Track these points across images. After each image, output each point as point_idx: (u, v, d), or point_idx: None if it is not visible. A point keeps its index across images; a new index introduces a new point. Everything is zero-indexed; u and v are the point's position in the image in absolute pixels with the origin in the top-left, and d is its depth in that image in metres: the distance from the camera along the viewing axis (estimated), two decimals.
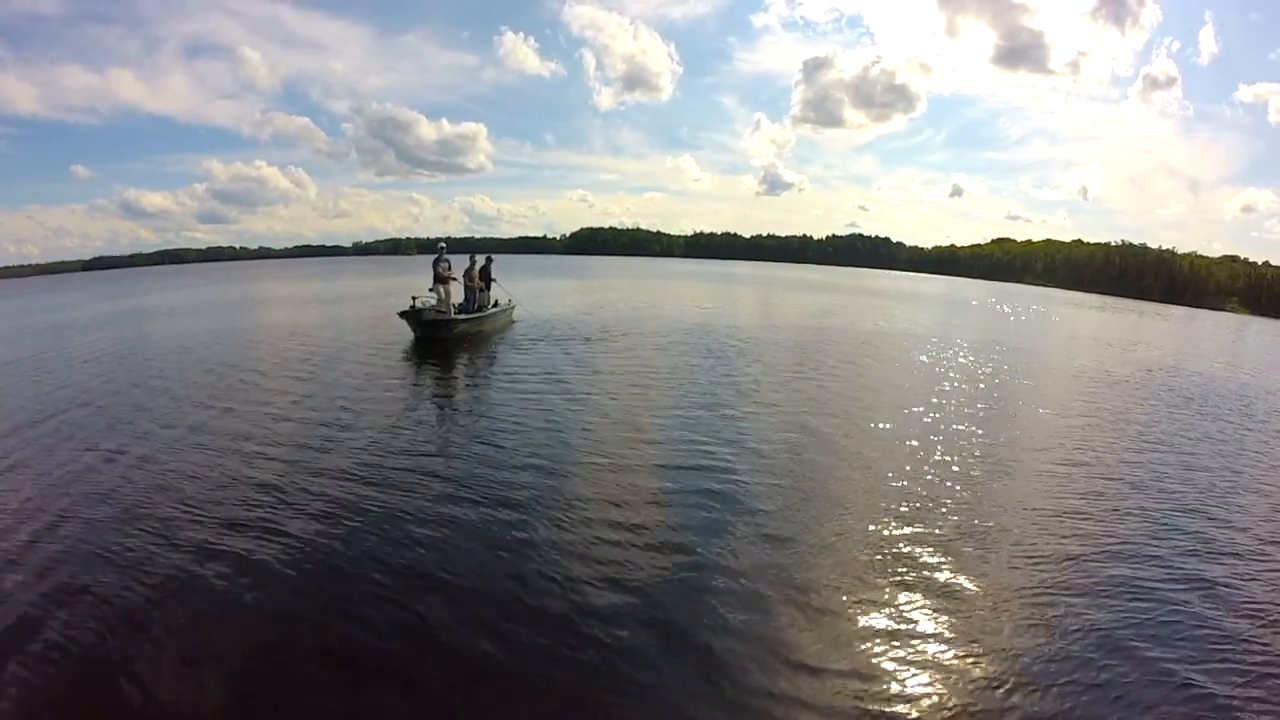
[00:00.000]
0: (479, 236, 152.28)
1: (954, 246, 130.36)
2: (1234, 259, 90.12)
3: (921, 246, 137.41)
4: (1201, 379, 15.42)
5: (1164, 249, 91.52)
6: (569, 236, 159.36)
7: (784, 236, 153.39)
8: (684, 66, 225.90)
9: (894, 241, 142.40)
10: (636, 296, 31.58)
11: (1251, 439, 9.79)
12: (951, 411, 10.02)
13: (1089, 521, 6.05)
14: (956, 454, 7.84)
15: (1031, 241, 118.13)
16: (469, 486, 6.35)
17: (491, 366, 12.80)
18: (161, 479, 6.58)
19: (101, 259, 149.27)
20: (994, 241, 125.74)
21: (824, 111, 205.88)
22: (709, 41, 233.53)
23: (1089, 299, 65.45)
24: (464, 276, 16.19)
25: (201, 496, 6.11)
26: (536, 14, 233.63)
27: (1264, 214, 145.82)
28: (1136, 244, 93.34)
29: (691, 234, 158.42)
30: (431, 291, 15.12)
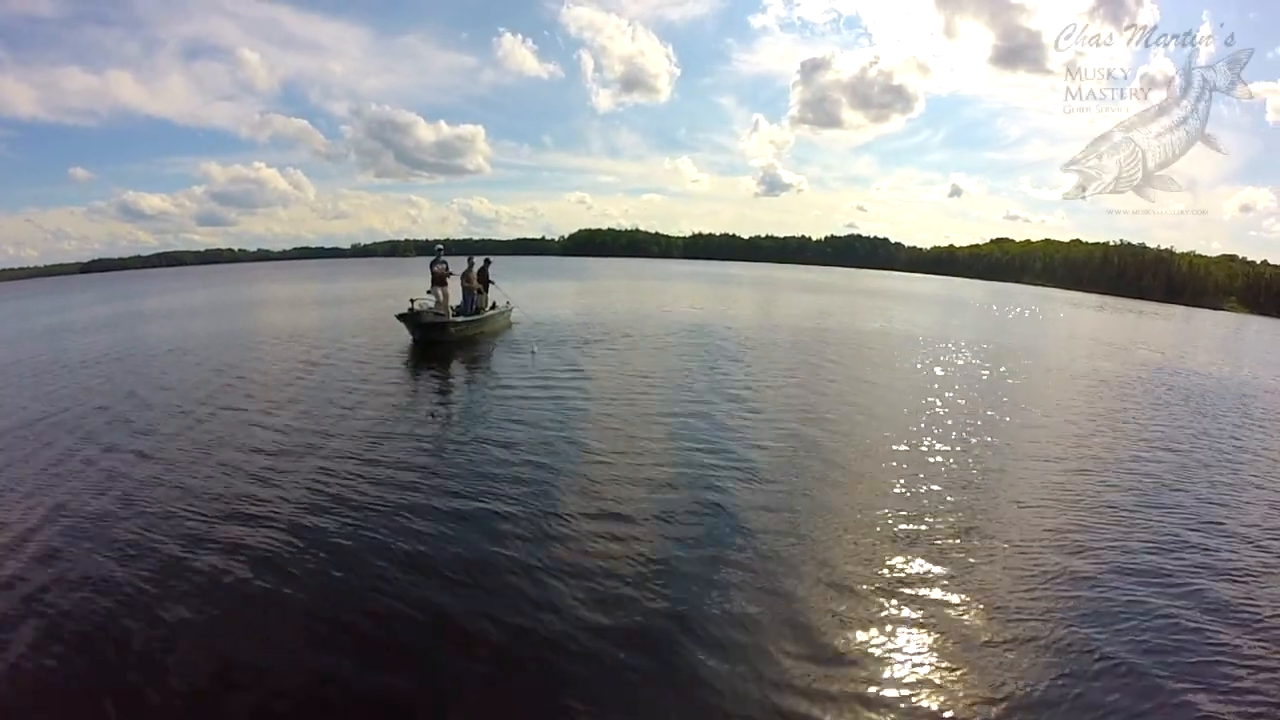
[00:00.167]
0: (477, 238, 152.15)
1: (953, 247, 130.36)
2: (1232, 258, 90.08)
3: (920, 247, 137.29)
4: (1200, 378, 15.42)
5: (1162, 248, 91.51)
6: (567, 238, 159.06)
7: (782, 237, 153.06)
8: (682, 68, 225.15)
9: (892, 242, 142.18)
10: (635, 298, 31.59)
11: (1250, 437, 9.81)
12: (950, 411, 10.03)
13: (1087, 521, 6.07)
14: (954, 453, 7.85)
15: (1030, 241, 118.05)
16: (470, 487, 6.38)
17: (490, 369, 12.81)
18: (161, 479, 6.60)
19: (100, 261, 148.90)
20: (993, 241, 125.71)
21: (822, 112, 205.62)
22: (707, 42, 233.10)
23: (1088, 299, 65.47)
24: (462, 279, 16.22)
25: (203, 495, 6.15)
26: (535, 15, 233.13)
27: (1262, 213, 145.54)
28: (1135, 244, 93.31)
29: (690, 235, 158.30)
30: (429, 294, 15.14)
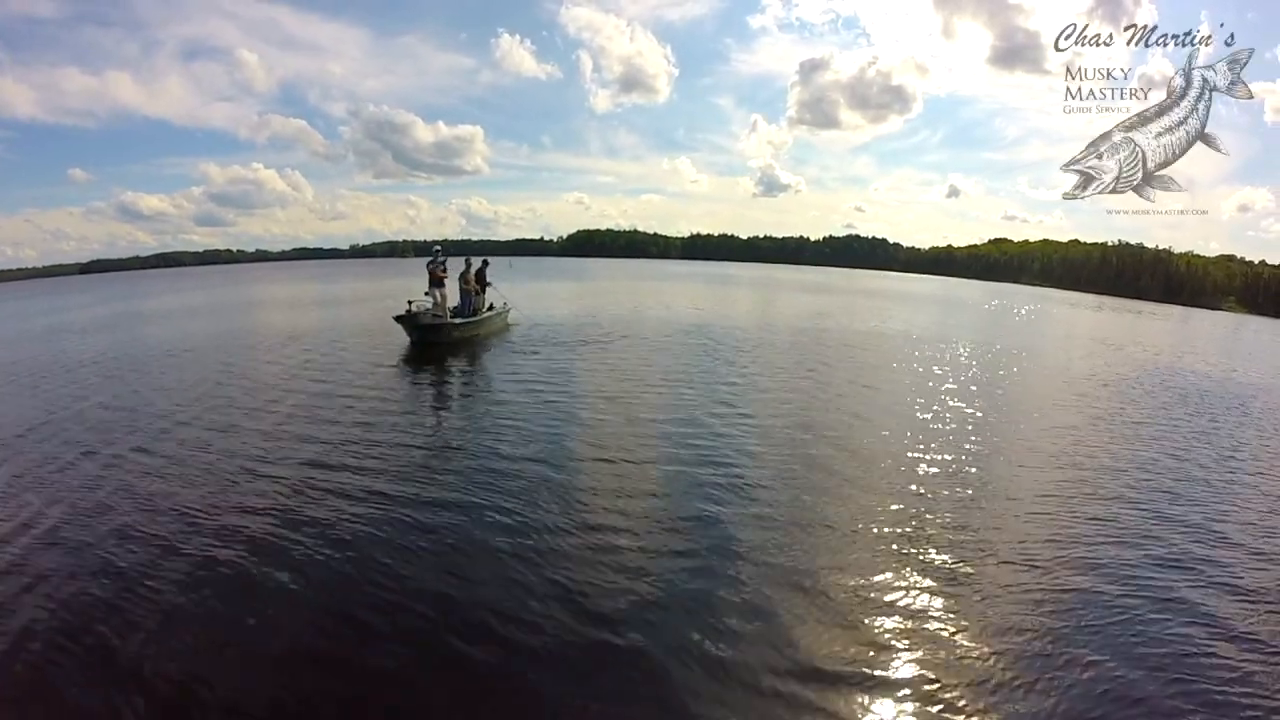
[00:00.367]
0: (476, 239, 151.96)
1: (951, 247, 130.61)
2: (1230, 258, 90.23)
3: (918, 247, 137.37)
4: (1197, 378, 15.44)
5: (1161, 248, 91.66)
6: (566, 239, 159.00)
7: (781, 238, 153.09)
8: (680, 68, 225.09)
9: (891, 242, 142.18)
10: (634, 299, 31.60)
11: (1248, 436, 9.82)
12: (947, 411, 10.03)
13: (1084, 522, 6.07)
14: (951, 452, 7.84)
15: (1028, 242, 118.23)
16: (469, 489, 6.37)
17: (488, 370, 12.79)
18: (159, 482, 6.59)
19: (99, 262, 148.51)
20: (991, 242, 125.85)
21: (820, 113, 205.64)
22: (705, 43, 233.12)
23: (1086, 299, 65.58)
24: (459, 280, 16.20)
25: (199, 500, 6.12)
26: (533, 16, 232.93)
27: (1260, 213, 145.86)
28: (1133, 244, 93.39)
29: (688, 235, 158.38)
30: (427, 295, 15.11)
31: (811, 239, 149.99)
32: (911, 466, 7.39)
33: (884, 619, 4.35)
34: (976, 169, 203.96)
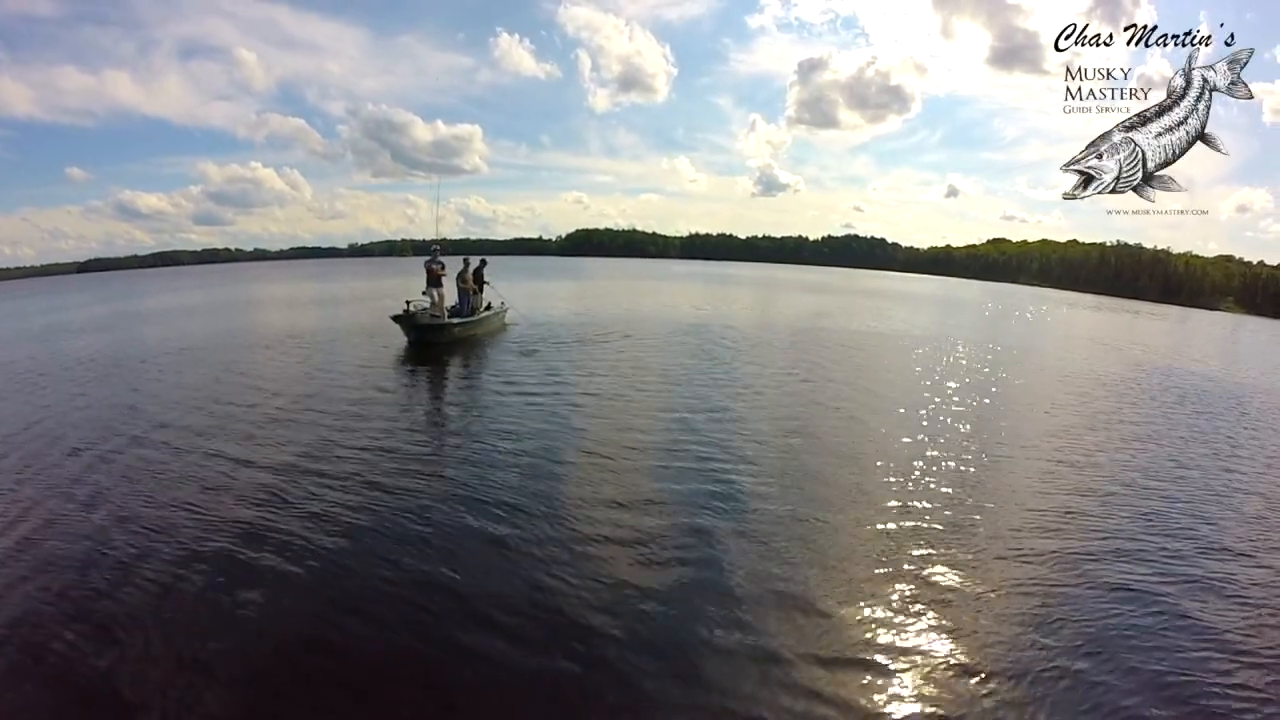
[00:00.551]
0: (474, 238, 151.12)
1: (949, 247, 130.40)
2: (1229, 259, 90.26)
3: (917, 247, 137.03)
4: (1195, 378, 15.46)
5: (1159, 249, 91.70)
6: (565, 238, 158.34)
7: (779, 237, 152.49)
8: (679, 68, 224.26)
9: (889, 242, 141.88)
10: (632, 298, 31.60)
11: (1245, 436, 9.82)
12: (946, 411, 10.02)
13: (1082, 521, 6.06)
14: (950, 453, 7.83)
15: (1027, 242, 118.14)
16: (467, 488, 6.36)
17: (486, 370, 12.76)
18: (157, 479, 6.58)
19: (97, 261, 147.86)
20: (990, 242, 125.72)
21: (819, 112, 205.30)
22: (704, 42, 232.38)
23: (1084, 299, 65.64)
24: (457, 279, 16.17)
25: (197, 497, 6.11)
26: (532, 15, 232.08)
27: (1259, 214, 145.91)
28: (1132, 244, 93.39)
29: (687, 235, 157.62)
30: (425, 295, 15.07)
31: (810, 239, 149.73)
32: (909, 465, 7.36)
33: (882, 617, 4.32)
34: (975, 169, 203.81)
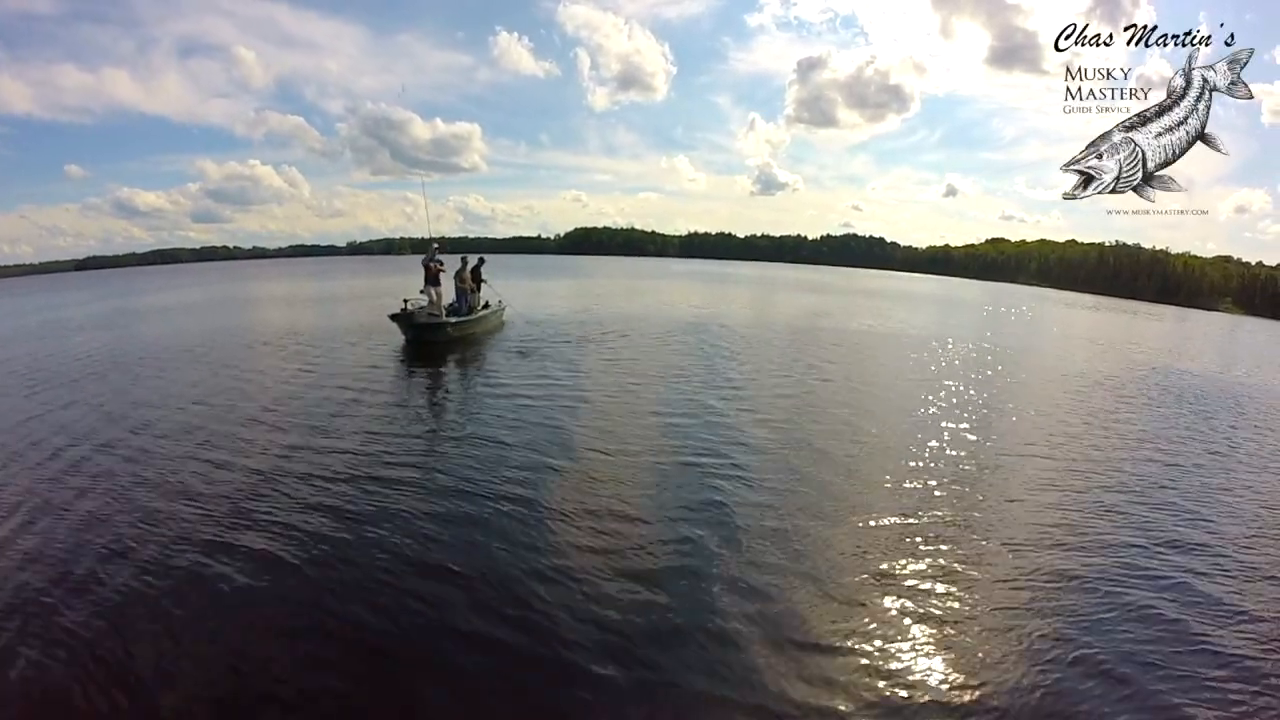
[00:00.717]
0: (473, 236, 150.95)
1: (948, 246, 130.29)
2: (1227, 259, 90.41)
3: (916, 246, 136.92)
4: (1193, 378, 15.47)
5: (1158, 249, 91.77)
6: (563, 236, 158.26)
7: (778, 236, 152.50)
8: (678, 66, 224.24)
9: (888, 241, 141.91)
10: (631, 297, 31.56)
11: (1243, 437, 9.83)
12: (943, 410, 10.01)
13: (1080, 521, 6.04)
14: (947, 451, 7.82)
15: (1026, 241, 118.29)
16: (466, 486, 6.36)
17: (484, 369, 12.73)
18: (154, 477, 6.57)
19: (95, 258, 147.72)
20: (988, 241, 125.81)
21: (818, 111, 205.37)
22: (703, 41, 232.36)
23: (1083, 299, 65.72)
24: (455, 278, 16.14)
25: (194, 495, 6.11)
26: (531, 14, 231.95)
27: (1258, 214, 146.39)
28: (1130, 244, 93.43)
29: (686, 234, 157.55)
30: (423, 293, 15.04)
31: (809, 238, 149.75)
32: (908, 463, 7.36)
33: (879, 614, 4.32)
34: (974, 169, 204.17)
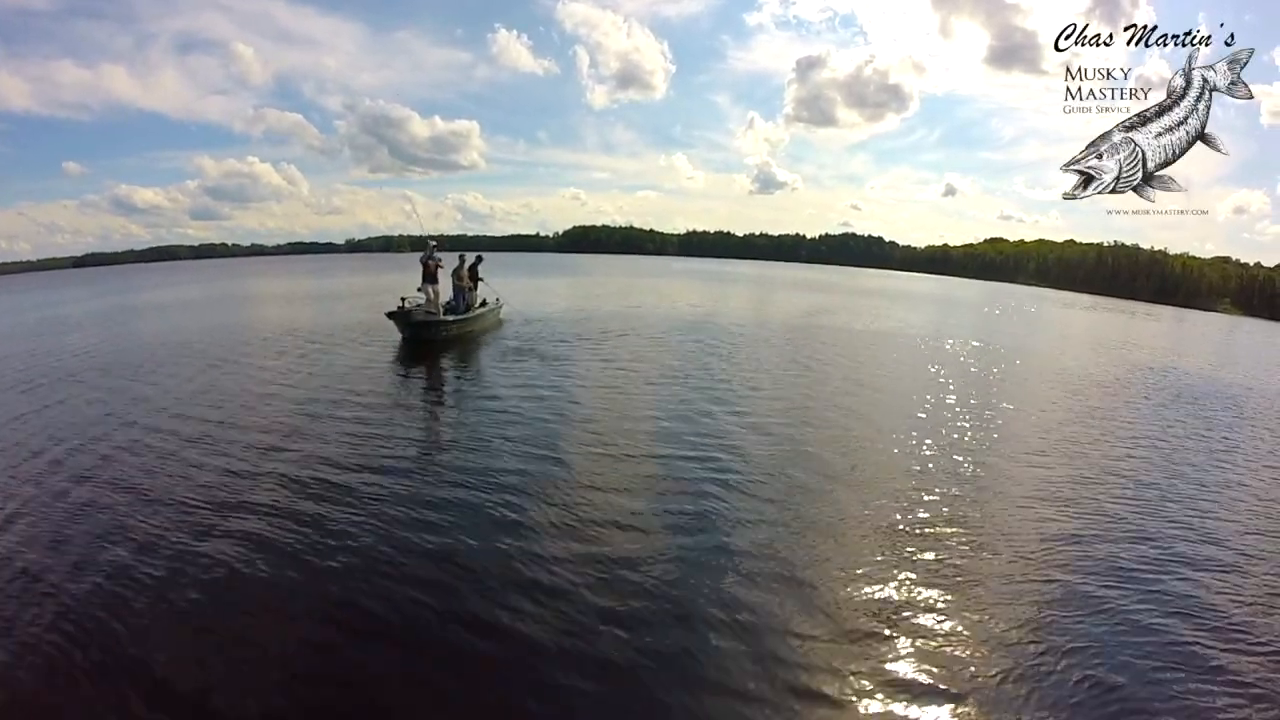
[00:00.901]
0: (472, 234, 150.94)
1: (947, 246, 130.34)
2: (1226, 260, 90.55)
3: (915, 246, 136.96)
4: (1191, 379, 15.48)
5: (1156, 249, 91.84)
6: (562, 234, 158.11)
7: (777, 235, 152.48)
8: (677, 65, 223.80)
9: (887, 241, 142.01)
10: (629, 295, 31.53)
11: (1240, 436, 9.83)
12: (941, 410, 10.00)
13: (1078, 521, 6.02)
14: (945, 451, 7.80)
15: (1024, 241, 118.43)
16: (464, 485, 6.34)
17: (482, 367, 12.70)
18: (151, 476, 6.54)
19: (93, 255, 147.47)
20: (987, 241, 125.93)
21: (817, 110, 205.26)
22: (702, 40, 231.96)
23: (1081, 299, 65.79)
24: (453, 275, 16.11)
25: (191, 494, 6.08)
26: (530, 11, 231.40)
27: (1256, 215, 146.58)
28: (1129, 244, 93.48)
29: (685, 232, 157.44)
30: (420, 291, 15.01)
31: (808, 237, 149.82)
32: (906, 463, 7.34)
33: (878, 613, 4.29)
34: (973, 168, 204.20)
